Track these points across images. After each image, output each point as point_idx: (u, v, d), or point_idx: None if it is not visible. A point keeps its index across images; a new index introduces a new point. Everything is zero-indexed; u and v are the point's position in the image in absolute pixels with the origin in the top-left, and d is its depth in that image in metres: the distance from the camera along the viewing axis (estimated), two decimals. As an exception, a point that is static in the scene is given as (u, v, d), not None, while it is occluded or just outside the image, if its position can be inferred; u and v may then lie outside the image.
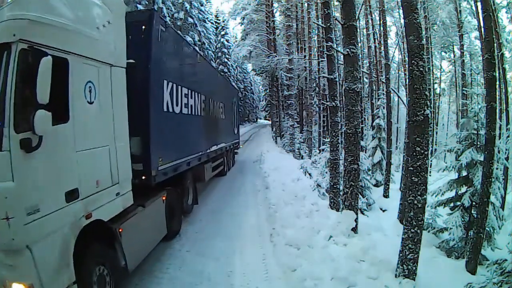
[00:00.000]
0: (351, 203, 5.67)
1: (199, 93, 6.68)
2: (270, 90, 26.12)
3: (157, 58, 4.41)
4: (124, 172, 3.50)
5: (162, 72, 4.69)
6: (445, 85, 23.99)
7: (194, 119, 6.40)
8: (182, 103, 5.55)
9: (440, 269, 5.34)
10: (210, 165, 8.26)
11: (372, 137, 13.99)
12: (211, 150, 7.92)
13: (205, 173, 7.59)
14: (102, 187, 3.09)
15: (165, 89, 4.78)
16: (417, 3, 4.06)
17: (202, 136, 7.20)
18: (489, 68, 5.52)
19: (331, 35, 6.99)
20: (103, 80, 3.19)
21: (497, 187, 6.67)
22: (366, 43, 17.40)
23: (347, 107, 5.70)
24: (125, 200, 3.53)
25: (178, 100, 5.36)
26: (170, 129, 5.02)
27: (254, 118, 50.61)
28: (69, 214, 2.64)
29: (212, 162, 8.46)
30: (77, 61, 2.80)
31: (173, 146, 5.15)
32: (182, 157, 5.53)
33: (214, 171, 8.90)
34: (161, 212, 4.62)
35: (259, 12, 20.95)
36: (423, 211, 4.04)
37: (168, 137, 4.91)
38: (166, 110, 4.81)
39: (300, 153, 17.58)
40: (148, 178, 4.14)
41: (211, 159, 8.24)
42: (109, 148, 3.23)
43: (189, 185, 6.34)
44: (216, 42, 31.08)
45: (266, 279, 4.08)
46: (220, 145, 9.08)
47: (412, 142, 4.05)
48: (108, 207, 3.18)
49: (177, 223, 5.38)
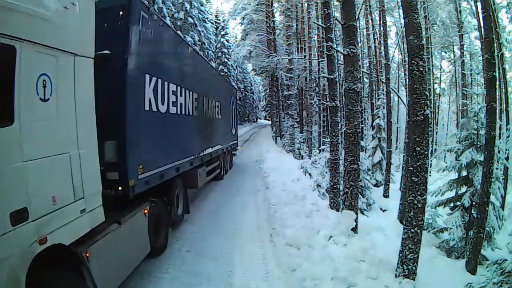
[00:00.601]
0: (351, 203, 5.67)
1: (190, 91, 6.09)
2: (270, 90, 26.13)
3: (137, 48, 3.84)
4: (92, 184, 2.89)
5: (144, 65, 4.08)
6: (445, 85, 24.00)
7: (184, 120, 5.80)
8: (169, 101, 4.93)
9: (440, 269, 5.33)
10: (204, 170, 7.60)
11: (372, 137, 13.98)
12: (205, 153, 7.32)
13: (198, 179, 6.93)
14: (60, 204, 2.49)
15: (148, 85, 4.17)
16: (417, 3, 4.06)
17: (194, 138, 6.62)
18: (489, 68, 5.51)
19: (331, 35, 6.99)
20: (63, 72, 2.59)
21: (497, 187, 6.67)
22: (366, 43, 17.39)
23: (347, 107, 5.70)
24: (94, 217, 2.91)
25: (165, 98, 4.74)
26: (154, 131, 4.44)
27: (254, 118, 50.61)
28: (16, 240, 2.11)
29: (206, 166, 7.83)
30: (27, 49, 2.26)
31: (158, 150, 4.57)
32: (169, 163, 4.91)
33: (209, 176, 8.25)
34: (142, 227, 4.01)
35: (259, 12, 20.96)
36: (423, 211, 4.04)
37: (151, 140, 4.34)
38: (148, 109, 4.20)
39: (300, 153, 17.58)
40: (125, 189, 3.56)
41: (205, 163, 7.61)
42: (70, 155, 2.63)
43: (179, 192, 5.71)
44: (216, 42, 31.08)
45: (266, 279, 4.08)
46: (216, 147, 8.50)
47: (412, 142, 4.05)
48: (70, 228, 2.58)
49: (163, 238, 4.75)
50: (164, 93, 4.73)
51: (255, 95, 50.03)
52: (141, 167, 3.90)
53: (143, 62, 4.05)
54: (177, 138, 5.46)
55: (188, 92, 5.98)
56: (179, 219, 5.78)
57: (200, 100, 6.89)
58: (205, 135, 7.46)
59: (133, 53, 3.76)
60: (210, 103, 8.08)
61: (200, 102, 6.96)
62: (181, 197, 5.83)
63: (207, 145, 7.59)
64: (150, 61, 4.28)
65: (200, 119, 6.93)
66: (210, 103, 8.08)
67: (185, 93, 5.78)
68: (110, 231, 3.20)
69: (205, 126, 7.47)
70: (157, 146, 4.53)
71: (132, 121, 3.71)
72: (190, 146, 6.19)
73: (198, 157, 6.73)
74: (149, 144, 4.24)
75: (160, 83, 4.56)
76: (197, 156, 6.60)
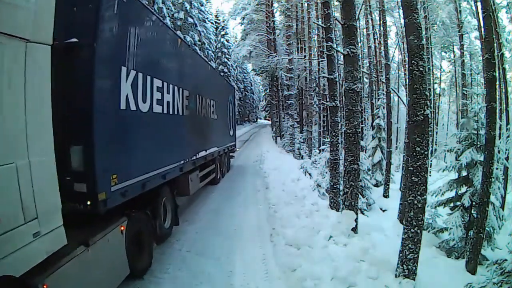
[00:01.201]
0: (351, 203, 5.68)
1: (180, 88, 5.45)
2: (270, 90, 26.14)
3: (109, 36, 3.22)
4: (47, 201, 2.34)
5: (120, 56, 3.46)
6: (445, 85, 24.01)
7: (172, 120, 5.13)
8: (153, 99, 4.27)
9: (440, 269, 5.34)
10: (197, 175, 6.98)
11: (372, 137, 13.99)
12: (198, 157, 6.67)
13: (190, 185, 6.31)
14: (4, 227, 1.99)
15: (124, 80, 3.52)
16: (417, 3, 4.06)
17: (185, 140, 5.95)
18: (489, 68, 5.52)
19: (331, 35, 6.99)
20: (9, 61, 2.11)
21: (497, 187, 6.68)
22: (366, 43, 17.41)
23: (347, 107, 5.70)
24: (52, 241, 2.38)
25: (147, 95, 4.10)
26: (133, 133, 3.78)
27: (254, 118, 50.67)
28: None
29: (200, 170, 7.24)
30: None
31: (139, 155, 3.93)
32: (153, 169, 4.28)
33: (203, 181, 7.62)
34: (117, 248, 3.42)
35: (259, 12, 20.98)
36: (423, 211, 4.04)
37: (130, 144, 3.68)
38: (125, 107, 3.54)
39: (300, 153, 17.59)
40: (95, 203, 2.94)
41: (198, 167, 7.01)
42: (17, 166, 2.08)
43: (166, 202, 5.07)
44: (216, 42, 31.09)
45: (266, 279, 4.08)
46: (211, 149, 7.89)
47: (412, 142, 4.05)
48: (20, 255, 2.08)
49: (147, 256, 4.14)
50: (147, 90, 4.09)
51: (255, 95, 50.05)
52: (114, 177, 3.28)
53: (118, 52, 3.43)
54: (163, 141, 4.76)
55: (177, 89, 5.31)
56: (167, 233, 5.08)
57: (192, 98, 6.22)
58: (198, 136, 6.84)
59: (105, 41, 3.13)
60: (204, 102, 7.39)
61: (192, 101, 6.29)
62: (169, 207, 5.18)
63: (201, 147, 6.98)
64: (128, 52, 3.63)
65: (192, 119, 6.27)
66: (204, 102, 7.39)
67: (174, 90, 5.12)
68: (75, 256, 2.67)
69: (198, 127, 6.82)
70: (138, 150, 3.89)
71: (101, 121, 3.06)
72: (179, 149, 5.56)
73: (190, 161, 6.10)
74: (126, 148, 3.61)
75: (141, 78, 3.93)
76: (188, 160, 5.95)
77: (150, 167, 4.20)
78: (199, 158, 6.73)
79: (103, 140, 3.11)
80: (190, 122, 6.14)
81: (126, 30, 3.57)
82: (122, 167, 3.47)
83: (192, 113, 6.32)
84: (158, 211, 4.68)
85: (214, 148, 8.36)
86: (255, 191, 8.80)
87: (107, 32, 3.19)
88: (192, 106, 6.31)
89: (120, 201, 3.43)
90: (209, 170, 8.20)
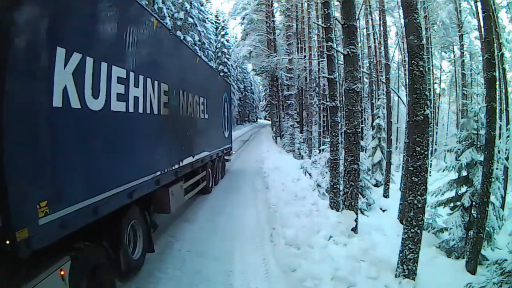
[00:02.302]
0: (351, 203, 5.68)
1: (155, 80, 4.40)
2: (270, 90, 26.15)
3: (33, 2, 2.26)
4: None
5: (54, 31, 2.43)
6: (445, 85, 24.00)
7: (143, 121, 4.07)
8: (110, 93, 3.22)
9: (440, 269, 5.34)
10: (181, 186, 5.81)
11: (372, 137, 13.98)
12: (183, 165, 5.63)
13: (171, 201, 5.08)
14: None
15: (61, 65, 2.51)
16: (417, 3, 4.06)
17: (163, 145, 4.85)
18: (489, 68, 5.51)
19: (331, 35, 6.99)
20: None
21: (497, 187, 6.66)
22: (366, 43, 17.40)
23: (347, 107, 5.70)
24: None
25: (101, 87, 3.06)
26: (77, 139, 2.75)
27: (254, 118, 50.70)
28: None
29: (185, 180, 6.12)
30: None
31: (88, 170, 2.90)
32: (112, 187, 3.24)
33: (189, 193, 6.46)
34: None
35: (259, 12, 20.98)
36: (423, 211, 4.04)
37: (71, 155, 2.67)
38: (61, 105, 2.52)
39: (300, 153, 17.59)
40: (13, 244, 2.05)
41: (183, 177, 5.90)
42: None
43: (136, 226, 3.98)
44: (216, 42, 31.10)
45: (266, 279, 4.08)
46: (200, 155, 6.87)
47: (412, 142, 4.05)
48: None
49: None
50: (100, 80, 3.03)
51: (255, 95, 50.10)
52: (44, 204, 2.30)
53: (52, 26, 2.40)
54: (128, 148, 3.67)
55: (151, 82, 4.26)
56: (136, 265, 3.96)
57: (173, 94, 5.19)
58: (182, 140, 5.80)
59: (27, 8, 2.19)
60: (191, 99, 6.35)
61: (174, 97, 5.28)
62: (140, 232, 4.09)
63: (187, 153, 5.93)
64: (68, 27, 2.61)
65: (173, 119, 5.22)
66: (191, 99, 6.35)
67: (145, 83, 4.07)
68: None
69: (182, 129, 5.80)
70: (85, 163, 2.86)
71: (16, 125, 2.13)
72: (155, 157, 4.45)
73: (171, 172, 5.05)
74: (65, 162, 2.59)
75: (91, 65, 2.86)
76: (168, 171, 4.89)
77: (107, 184, 3.16)
78: (184, 166, 5.67)
79: (21, 152, 2.17)
80: (170, 123, 5.08)
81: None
82: (57, 189, 2.48)
83: (174, 112, 5.29)
84: (121, 241, 3.56)
85: (205, 152, 7.34)
86: (255, 191, 8.79)
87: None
88: (174, 103, 5.29)
89: (58, 236, 2.46)
90: (198, 178, 7.12)
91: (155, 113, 4.46)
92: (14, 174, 2.09)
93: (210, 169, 8.35)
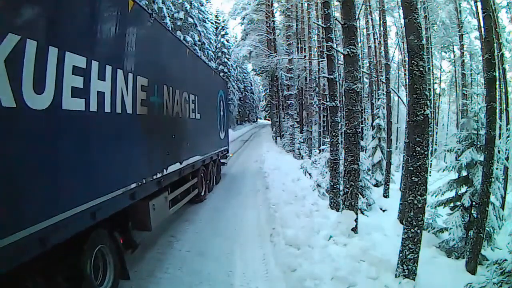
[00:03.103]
0: (351, 203, 5.68)
1: (129, 73, 3.63)
2: (270, 90, 26.18)
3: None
4: None
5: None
6: (445, 85, 24.00)
7: (112, 122, 3.30)
8: (63, 86, 2.52)
9: (440, 269, 5.34)
10: (166, 198, 4.93)
11: (372, 137, 13.99)
12: (167, 173, 4.78)
13: (151, 216, 4.23)
14: None
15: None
16: (417, 3, 4.06)
17: (141, 151, 4.03)
18: (489, 68, 5.51)
19: (331, 35, 6.99)
20: None
21: (497, 187, 6.66)
22: (366, 43, 17.42)
23: (347, 107, 5.70)
24: None
25: (49, 79, 2.37)
26: (11, 149, 2.08)
27: (254, 118, 50.70)
28: None
29: (171, 190, 5.25)
30: None
31: (29, 190, 2.22)
32: (69, 207, 2.54)
33: (177, 204, 5.62)
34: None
35: (259, 12, 20.99)
36: (423, 211, 4.04)
37: (3, 171, 2.02)
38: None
39: (300, 153, 17.60)
40: None
41: (169, 186, 5.06)
42: None
43: (105, 252, 3.24)
44: (216, 42, 31.11)
45: (266, 279, 4.08)
46: (190, 160, 6.06)
47: (412, 142, 4.04)
48: None
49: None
50: (47, 70, 2.35)
51: (255, 95, 50.12)
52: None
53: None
54: (88, 158, 2.91)
55: (122, 74, 3.48)
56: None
57: (153, 90, 4.34)
58: (167, 144, 4.99)
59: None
60: (178, 96, 5.49)
61: (156, 94, 4.44)
62: (110, 258, 3.30)
63: (173, 159, 5.10)
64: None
65: (154, 120, 4.42)
66: (178, 96, 5.49)
67: (113, 75, 3.29)
68: None
69: (166, 131, 4.99)
70: (27, 181, 2.21)
71: None
72: (129, 167, 3.68)
73: (152, 182, 4.23)
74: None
75: (34, 49, 2.20)
76: (146, 182, 4.04)
77: (59, 204, 2.46)
78: (169, 175, 4.85)
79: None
80: (150, 124, 4.26)
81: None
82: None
83: (155, 112, 4.49)
84: (83, 272, 2.84)
85: (196, 157, 6.50)
86: (255, 191, 8.79)
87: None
88: (156, 101, 4.45)
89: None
90: (188, 186, 6.29)
91: (128, 113, 3.61)
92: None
93: (203, 175, 7.54)
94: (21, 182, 2.16)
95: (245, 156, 15.73)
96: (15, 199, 2.10)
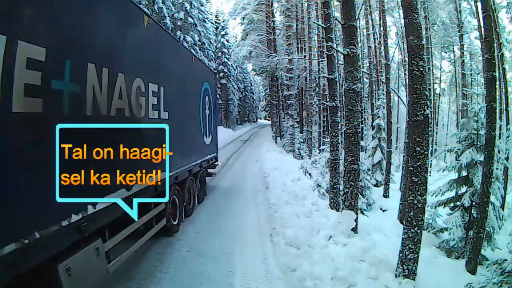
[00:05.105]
0: (351, 203, 5.68)
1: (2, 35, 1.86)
2: (270, 90, 26.16)
3: None
4: None
5: None
6: (445, 85, 23.97)
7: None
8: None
9: (440, 269, 5.34)
10: (96, 250, 2.96)
11: (372, 137, 13.98)
12: (96, 210, 2.82)
13: (64, 285, 2.40)
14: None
15: None
16: (417, 3, 4.06)
17: (24, 183, 2.09)
18: (489, 68, 5.51)
19: (331, 35, 6.99)
20: None
21: (497, 187, 6.67)
22: (366, 43, 17.40)
23: (347, 107, 5.70)
24: None
25: None
26: None
27: (254, 118, 50.71)
28: None
29: (111, 233, 3.31)
30: None
31: None
32: None
33: (122, 254, 3.50)
34: None
35: (259, 12, 20.99)
36: (423, 211, 4.04)
37: None
38: None
39: (300, 153, 17.59)
40: None
41: (104, 229, 3.15)
42: None
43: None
44: (216, 42, 31.09)
45: (266, 279, 4.08)
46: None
47: (412, 142, 4.05)
48: None
49: None
50: None
51: (255, 95, 50.10)
52: None
53: None
54: None
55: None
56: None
57: (59, 70, 2.43)
58: (94, 164, 2.39)
59: None
60: (122, 83, 3.45)
61: (66, 77, 2.50)
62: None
63: (111, 185, 2.51)
64: None
65: (59, 122, 2.29)
66: (122, 83, 3.45)
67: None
68: None
69: (92, 142, 2.39)
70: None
71: None
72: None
73: (58, 231, 2.38)
74: None
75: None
76: (41, 236, 2.18)
77: None
78: (100, 212, 2.89)
79: None
80: (46, 131, 2.23)
81: None
82: None
83: (64, 108, 2.52)
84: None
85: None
86: (255, 191, 8.79)
87: None
88: (66, 89, 2.52)
89: None
90: (147, 219, 4.19)
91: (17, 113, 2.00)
92: None
93: (176, 197, 5.46)
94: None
95: (245, 156, 15.74)
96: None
